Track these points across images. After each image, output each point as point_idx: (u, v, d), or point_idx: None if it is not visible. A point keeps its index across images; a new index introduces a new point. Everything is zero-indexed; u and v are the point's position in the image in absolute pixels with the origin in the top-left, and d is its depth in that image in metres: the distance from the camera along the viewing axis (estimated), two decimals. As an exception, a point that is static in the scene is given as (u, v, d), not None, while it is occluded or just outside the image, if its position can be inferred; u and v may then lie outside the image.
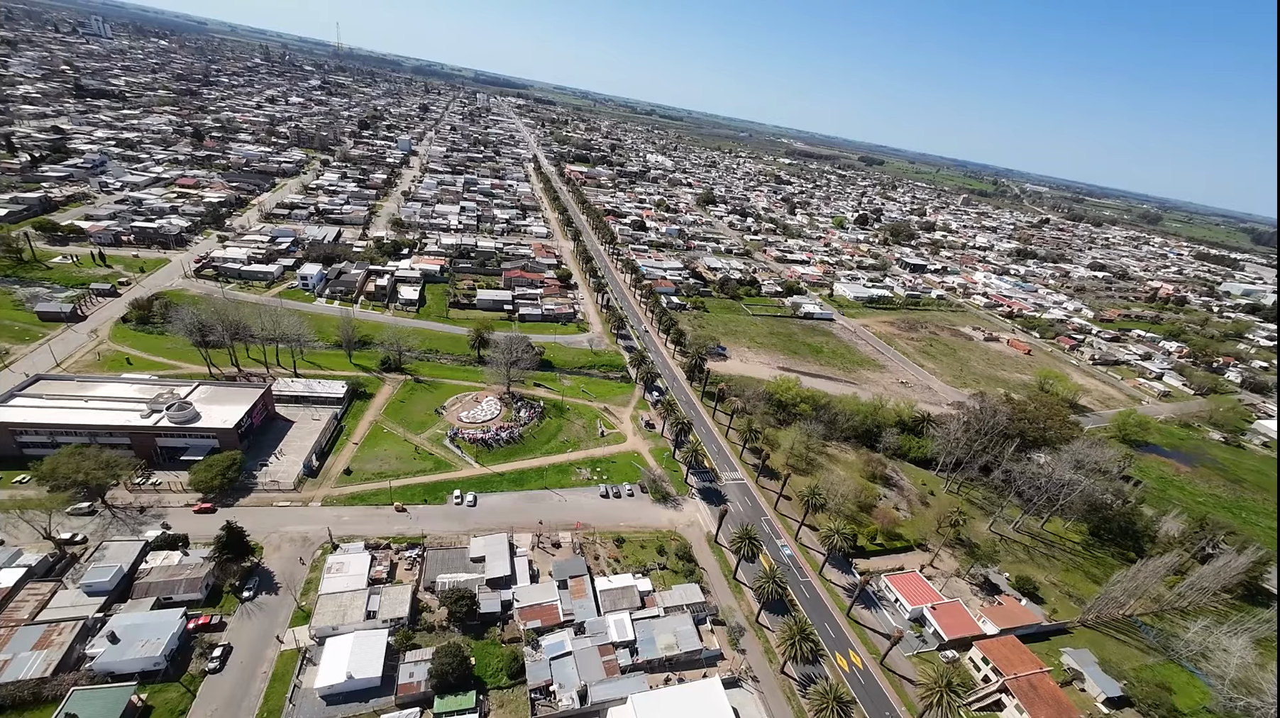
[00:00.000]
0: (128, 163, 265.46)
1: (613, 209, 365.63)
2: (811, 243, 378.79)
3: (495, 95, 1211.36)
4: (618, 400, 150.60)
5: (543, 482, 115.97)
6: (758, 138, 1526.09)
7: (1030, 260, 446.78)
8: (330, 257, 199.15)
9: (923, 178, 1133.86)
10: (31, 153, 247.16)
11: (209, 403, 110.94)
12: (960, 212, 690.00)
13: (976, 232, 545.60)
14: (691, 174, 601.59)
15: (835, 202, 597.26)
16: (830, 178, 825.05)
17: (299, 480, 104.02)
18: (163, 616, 75.47)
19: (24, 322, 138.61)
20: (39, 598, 76.03)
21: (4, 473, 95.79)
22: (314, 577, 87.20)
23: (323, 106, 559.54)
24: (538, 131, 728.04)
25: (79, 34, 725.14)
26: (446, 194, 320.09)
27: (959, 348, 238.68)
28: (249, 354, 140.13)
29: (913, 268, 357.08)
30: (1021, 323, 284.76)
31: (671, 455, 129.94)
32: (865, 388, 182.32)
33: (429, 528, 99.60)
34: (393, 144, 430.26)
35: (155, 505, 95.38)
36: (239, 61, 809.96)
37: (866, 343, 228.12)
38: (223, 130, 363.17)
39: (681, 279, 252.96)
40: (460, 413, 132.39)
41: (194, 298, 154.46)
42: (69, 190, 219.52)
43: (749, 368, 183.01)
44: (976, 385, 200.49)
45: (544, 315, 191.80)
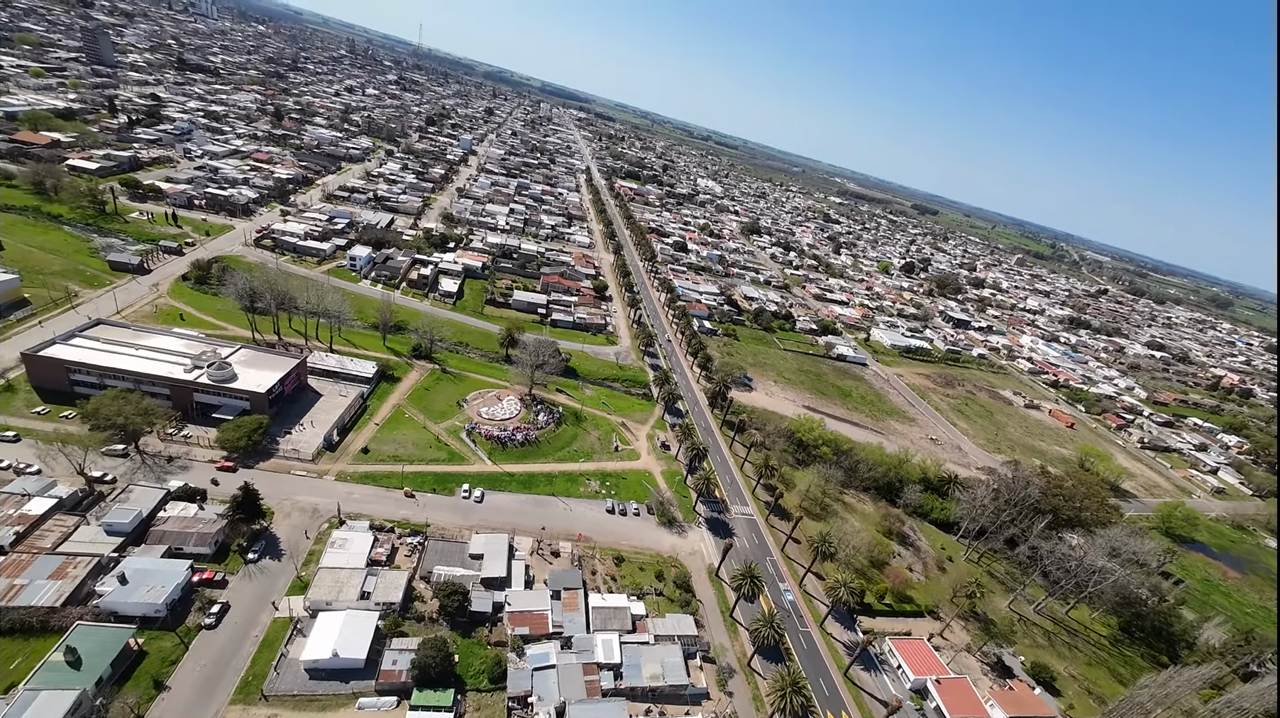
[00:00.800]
0: (212, 133, 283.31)
1: (657, 228, 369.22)
2: (853, 284, 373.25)
3: (558, 106, 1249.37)
4: (636, 417, 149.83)
5: (551, 488, 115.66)
6: (810, 174, 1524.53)
7: (1083, 330, 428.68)
8: (380, 241, 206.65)
9: (977, 232, 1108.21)
10: (130, 115, 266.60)
11: (247, 366, 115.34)
12: (1013, 271, 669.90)
13: (1028, 294, 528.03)
14: (740, 202, 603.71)
15: (883, 246, 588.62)
16: (880, 222, 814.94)
17: (318, 453, 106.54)
18: (171, 564, 77.70)
19: (96, 268, 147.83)
20: (63, 530, 79.43)
21: (54, 407, 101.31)
22: (317, 549, 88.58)
23: (396, 100, 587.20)
24: (594, 145, 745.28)
25: (189, 13, 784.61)
26: (498, 195, 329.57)
27: (996, 411, 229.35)
28: (291, 324, 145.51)
29: (956, 322, 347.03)
30: (1066, 394, 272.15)
31: (683, 480, 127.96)
32: (892, 439, 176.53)
33: (433, 517, 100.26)
34: (455, 142, 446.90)
35: (182, 457, 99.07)
36: (326, 51, 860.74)
37: (899, 393, 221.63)
38: (301, 113, 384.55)
39: (716, 304, 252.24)
40: (481, 408, 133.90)
41: (249, 265, 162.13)
42: (156, 153, 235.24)
43: (773, 402, 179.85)
44: (1011, 453, 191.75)
45: (575, 323, 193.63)
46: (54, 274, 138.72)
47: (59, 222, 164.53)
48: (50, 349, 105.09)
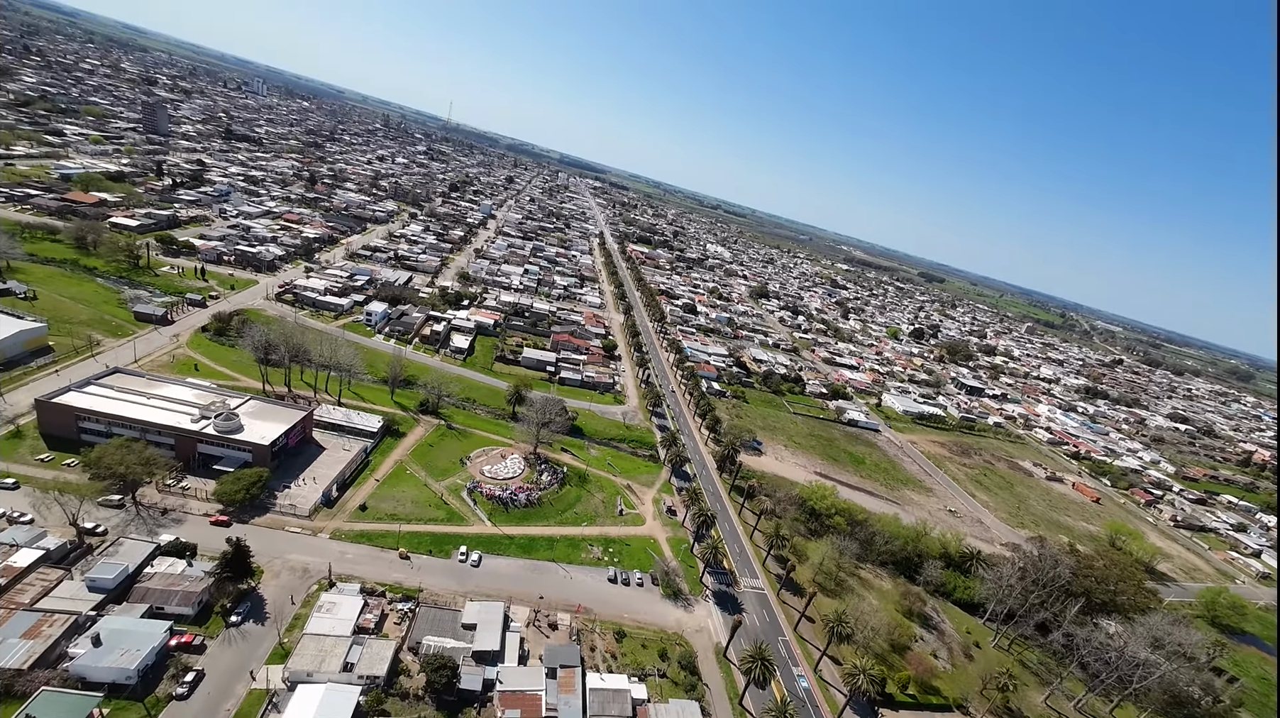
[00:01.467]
0: (249, 195, 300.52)
1: (666, 290, 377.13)
2: (863, 349, 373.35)
3: (575, 175, 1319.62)
4: (642, 479, 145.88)
5: (552, 553, 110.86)
6: (817, 241, 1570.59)
7: (1100, 400, 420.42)
8: (397, 298, 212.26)
9: (984, 300, 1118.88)
10: (174, 178, 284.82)
11: (254, 418, 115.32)
12: (1024, 339, 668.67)
13: (1041, 362, 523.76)
14: (748, 267, 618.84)
15: (891, 312, 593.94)
16: (887, 288, 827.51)
17: (315, 508, 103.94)
18: (149, 626, 73.90)
19: (122, 318, 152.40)
20: (45, 584, 76.57)
21: (58, 454, 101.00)
22: (303, 613, 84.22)
23: (423, 169, 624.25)
24: (608, 211, 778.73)
25: (242, 90, 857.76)
26: (514, 255, 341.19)
27: (1016, 483, 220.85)
28: (302, 377, 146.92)
29: (969, 389, 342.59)
30: (1089, 466, 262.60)
31: (690, 548, 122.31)
32: (908, 510, 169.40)
33: (427, 582, 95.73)
34: (475, 207, 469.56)
35: (178, 510, 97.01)
36: (362, 124, 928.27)
37: (913, 461, 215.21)
38: (334, 178, 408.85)
39: (725, 366, 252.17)
40: (484, 466, 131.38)
41: (268, 318, 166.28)
42: (194, 213, 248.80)
43: (784, 468, 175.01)
44: (1035, 528, 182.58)
45: (583, 382, 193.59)
46: (80, 323, 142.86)
47: (94, 274, 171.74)
48: (63, 396, 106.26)
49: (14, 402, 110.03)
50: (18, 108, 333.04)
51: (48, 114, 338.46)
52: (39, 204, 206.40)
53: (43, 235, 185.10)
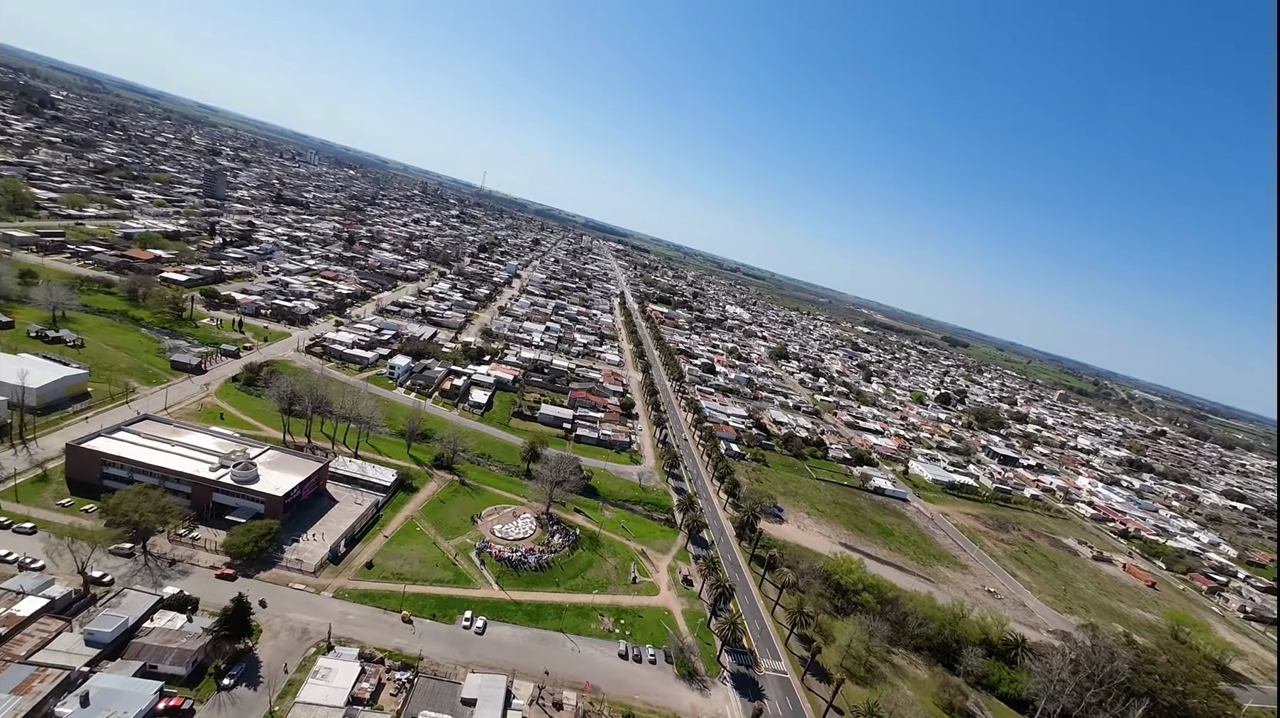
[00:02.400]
0: (291, 254, 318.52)
1: (685, 349, 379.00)
2: (887, 413, 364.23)
3: (599, 239, 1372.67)
4: (657, 545, 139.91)
5: (560, 622, 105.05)
6: (837, 304, 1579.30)
7: (1146, 474, 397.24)
8: (421, 352, 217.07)
9: (1012, 366, 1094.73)
10: (225, 237, 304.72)
11: (271, 468, 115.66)
12: (1056, 407, 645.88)
13: (1077, 432, 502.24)
14: (767, 328, 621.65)
15: (915, 376, 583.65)
16: (910, 352, 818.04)
17: (321, 564, 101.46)
18: (140, 686, 70.71)
19: (159, 367, 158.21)
20: (44, 636, 74.75)
21: (79, 499, 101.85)
22: (298, 678, 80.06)
23: (455, 231, 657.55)
24: (629, 273, 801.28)
25: (295, 160, 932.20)
26: (536, 313, 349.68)
27: (1061, 562, 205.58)
28: (322, 428, 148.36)
29: (1002, 459, 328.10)
30: (1140, 546, 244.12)
31: (707, 623, 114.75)
32: (943, 588, 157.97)
33: (428, 649, 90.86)
34: (502, 267, 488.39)
35: (185, 561, 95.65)
36: (401, 191, 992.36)
37: (946, 535, 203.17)
38: (371, 239, 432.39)
39: (744, 427, 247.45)
40: (495, 525, 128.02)
41: (295, 369, 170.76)
42: (239, 269, 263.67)
43: (806, 537, 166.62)
44: (1085, 614, 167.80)
45: (599, 440, 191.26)
46: (120, 371, 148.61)
47: (139, 325, 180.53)
48: (92, 442, 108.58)
49: (46, 446, 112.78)
50: (96, 174, 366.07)
51: (121, 180, 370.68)
52: (100, 260, 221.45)
53: (99, 288, 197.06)
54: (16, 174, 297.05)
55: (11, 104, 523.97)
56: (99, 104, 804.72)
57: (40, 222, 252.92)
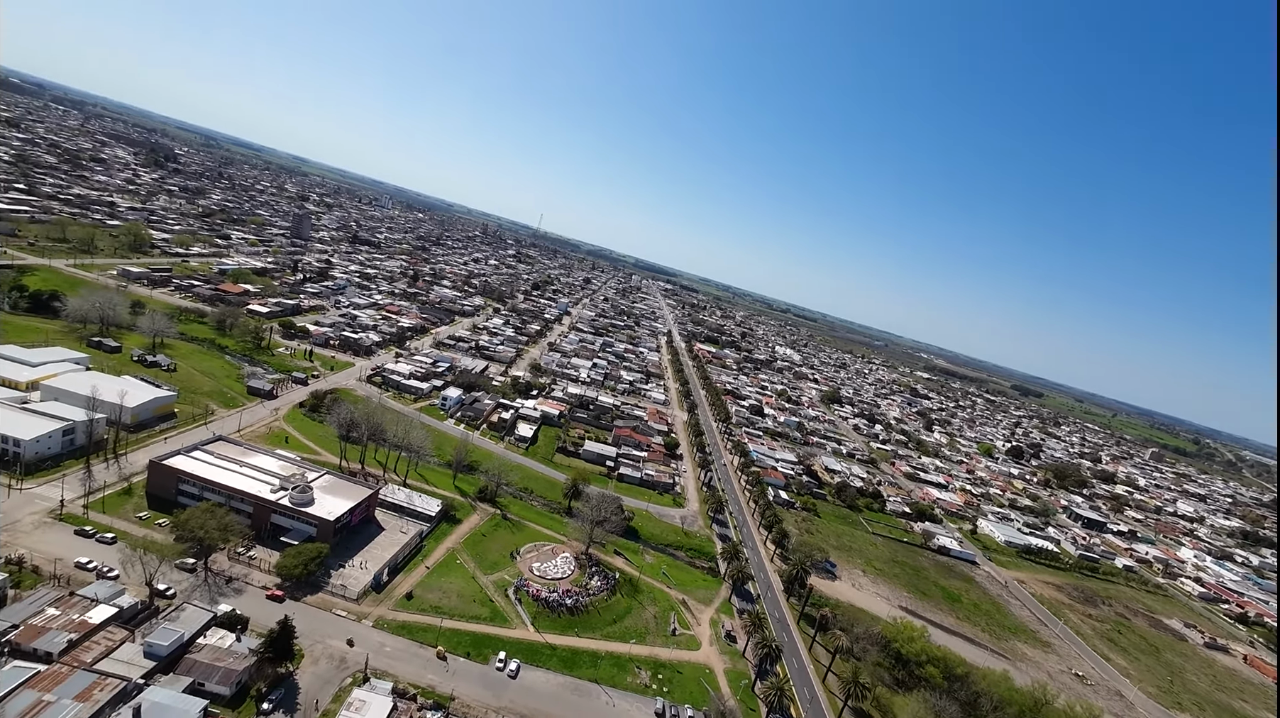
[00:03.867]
0: (361, 289, 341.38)
1: (732, 390, 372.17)
2: (951, 465, 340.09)
3: (648, 279, 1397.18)
4: (699, 595, 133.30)
5: (595, 671, 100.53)
6: (893, 348, 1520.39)
7: (1266, 549, 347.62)
8: (472, 385, 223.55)
9: (1093, 419, 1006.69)
10: (304, 274, 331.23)
11: (325, 492, 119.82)
12: (1149, 467, 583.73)
13: (1176, 496, 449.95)
14: (819, 370, 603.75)
15: (981, 426, 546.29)
16: (975, 400, 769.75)
17: (364, 592, 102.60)
18: (187, 702, 72.26)
19: (236, 391, 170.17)
20: (109, 644, 78.42)
21: (154, 513, 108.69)
22: (333, 708, 79.71)
23: (510, 270, 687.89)
24: (677, 312, 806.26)
25: (371, 205, 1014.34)
26: (584, 350, 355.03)
27: (1164, 647, 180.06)
28: (375, 455, 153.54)
29: (1087, 522, 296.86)
30: (1263, 635, 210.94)
31: (751, 686, 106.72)
32: (1020, 668, 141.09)
33: (460, 689, 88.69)
34: (553, 304, 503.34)
35: (240, 579, 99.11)
36: (463, 232, 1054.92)
37: (1023, 605, 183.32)
38: (433, 276, 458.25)
39: (794, 474, 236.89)
40: (534, 563, 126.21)
41: (356, 398, 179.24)
42: (314, 302, 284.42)
43: (862, 597, 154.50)
44: (1200, 713, 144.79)
45: (643, 480, 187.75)
46: (203, 394, 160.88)
47: (224, 351, 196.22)
48: (172, 459, 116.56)
49: (133, 461, 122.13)
50: (203, 218, 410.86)
51: (222, 223, 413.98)
52: (198, 293, 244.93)
53: (194, 318, 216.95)
54: (140, 218, 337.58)
55: (143, 159, 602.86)
56: (212, 158, 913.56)
57: (154, 259, 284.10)
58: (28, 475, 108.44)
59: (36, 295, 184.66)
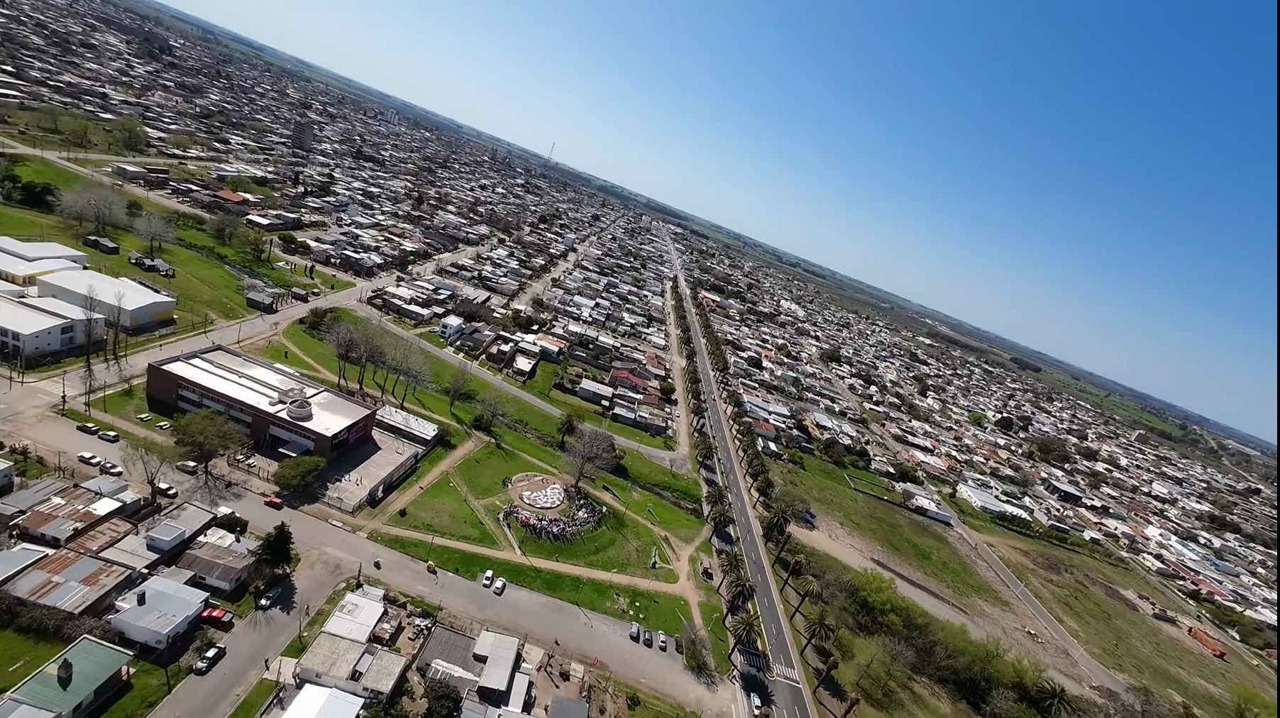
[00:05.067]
0: (364, 208, 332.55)
1: (734, 341, 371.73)
2: (940, 431, 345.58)
3: (658, 220, 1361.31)
4: (682, 534, 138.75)
5: (576, 595, 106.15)
6: (899, 311, 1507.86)
7: (1230, 534, 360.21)
8: (473, 315, 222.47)
9: (1087, 398, 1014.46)
10: (306, 187, 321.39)
11: (323, 409, 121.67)
12: (1132, 448, 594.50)
13: (1154, 477, 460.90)
14: (821, 328, 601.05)
15: (975, 395, 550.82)
16: (974, 370, 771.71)
17: (359, 506, 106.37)
18: (189, 593, 76.55)
19: (236, 303, 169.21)
20: (113, 535, 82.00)
21: (156, 416, 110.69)
22: (327, 609, 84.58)
23: (518, 200, 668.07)
24: (685, 257, 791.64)
25: (377, 119, 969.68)
26: (588, 288, 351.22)
27: (1115, 614, 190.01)
28: (374, 377, 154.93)
29: (1063, 495, 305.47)
30: (1211, 611, 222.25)
31: (722, 619, 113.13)
32: (978, 623, 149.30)
33: (448, 602, 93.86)
34: (560, 239, 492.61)
35: (240, 485, 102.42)
36: (472, 156, 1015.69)
37: (989, 567, 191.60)
38: (438, 200, 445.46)
39: (785, 427, 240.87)
40: (525, 491, 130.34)
41: (356, 318, 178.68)
42: (316, 218, 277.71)
43: (837, 547, 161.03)
44: (1137, 674, 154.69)
45: (636, 421, 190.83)
46: (202, 302, 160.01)
47: (223, 261, 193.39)
48: (172, 365, 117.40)
49: (133, 364, 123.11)
50: (201, 119, 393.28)
51: (221, 125, 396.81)
52: (196, 198, 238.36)
53: (192, 224, 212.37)
54: (134, 113, 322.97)
55: (136, 48, 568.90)
56: (210, 53, 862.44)
57: (149, 159, 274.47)
58: (28, 369, 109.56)
59: (30, 187, 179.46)
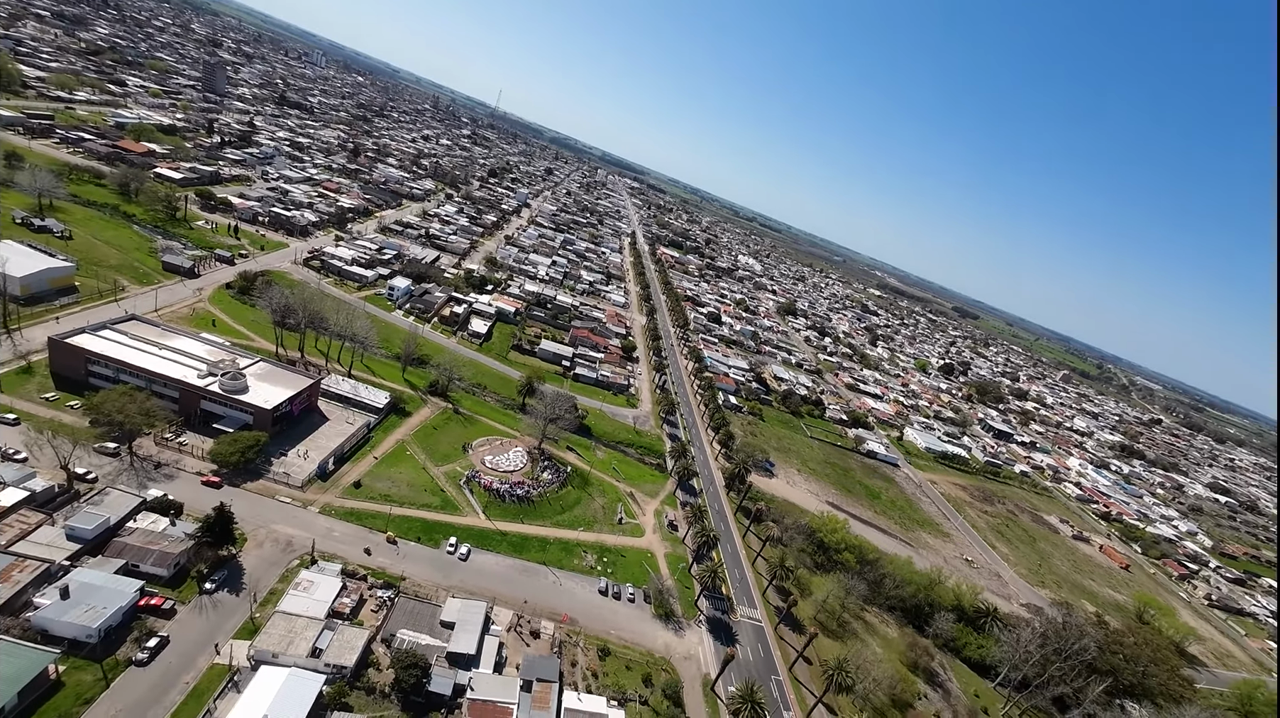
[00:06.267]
0: (293, 161, 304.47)
1: (693, 297, 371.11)
2: (889, 378, 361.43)
3: (615, 174, 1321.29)
4: (647, 489, 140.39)
5: (544, 555, 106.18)
6: (851, 263, 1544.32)
7: (1136, 461, 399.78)
8: (422, 275, 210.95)
9: (1019, 342, 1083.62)
10: (223, 137, 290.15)
11: (261, 380, 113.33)
12: (1058, 388, 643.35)
13: (1075, 413, 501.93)
14: (778, 282, 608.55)
15: (921, 344, 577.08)
16: (919, 319, 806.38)
17: (308, 480, 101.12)
18: (120, 583, 71.21)
19: (150, 267, 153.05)
20: (24, 527, 74.63)
21: (64, 395, 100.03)
22: (280, 588, 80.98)
23: (465, 152, 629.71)
24: (643, 213, 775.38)
25: (301, 61, 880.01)
26: (543, 246, 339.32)
27: (1040, 538, 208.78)
28: (316, 345, 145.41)
29: (997, 433, 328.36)
30: (1119, 529, 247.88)
31: (688, 568, 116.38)
32: (922, 554, 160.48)
33: (411, 571, 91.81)
34: (511, 194, 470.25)
35: (171, 465, 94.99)
36: (412, 104, 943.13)
37: (932, 502, 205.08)
38: (377, 152, 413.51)
39: (745, 380, 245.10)
40: (486, 456, 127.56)
41: (291, 282, 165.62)
42: (237, 172, 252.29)
43: (795, 493, 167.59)
44: (1057, 589, 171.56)
45: (598, 380, 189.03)
46: (109, 267, 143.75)
47: (131, 221, 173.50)
48: (77, 338, 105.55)
49: (30, 338, 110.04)
50: (87, 55, 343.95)
51: (114, 64, 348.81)
52: (90, 149, 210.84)
53: (89, 179, 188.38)
54: (2, 47, 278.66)
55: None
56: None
57: (27, 101, 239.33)
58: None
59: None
